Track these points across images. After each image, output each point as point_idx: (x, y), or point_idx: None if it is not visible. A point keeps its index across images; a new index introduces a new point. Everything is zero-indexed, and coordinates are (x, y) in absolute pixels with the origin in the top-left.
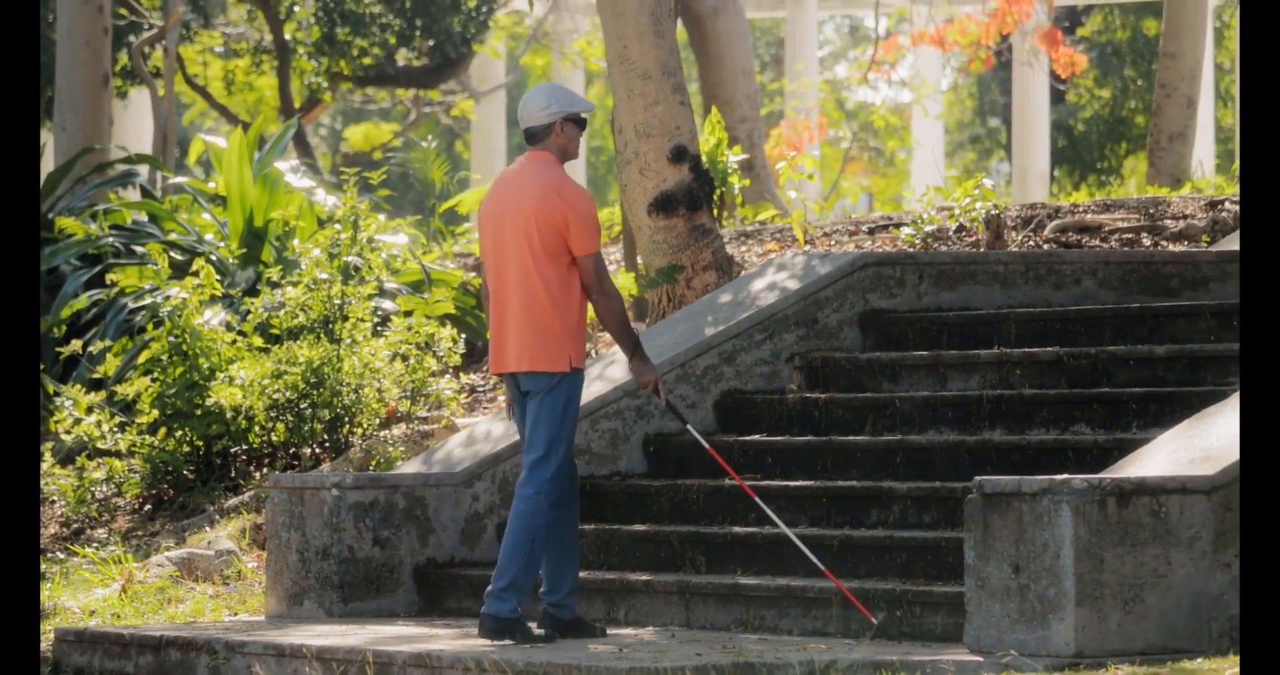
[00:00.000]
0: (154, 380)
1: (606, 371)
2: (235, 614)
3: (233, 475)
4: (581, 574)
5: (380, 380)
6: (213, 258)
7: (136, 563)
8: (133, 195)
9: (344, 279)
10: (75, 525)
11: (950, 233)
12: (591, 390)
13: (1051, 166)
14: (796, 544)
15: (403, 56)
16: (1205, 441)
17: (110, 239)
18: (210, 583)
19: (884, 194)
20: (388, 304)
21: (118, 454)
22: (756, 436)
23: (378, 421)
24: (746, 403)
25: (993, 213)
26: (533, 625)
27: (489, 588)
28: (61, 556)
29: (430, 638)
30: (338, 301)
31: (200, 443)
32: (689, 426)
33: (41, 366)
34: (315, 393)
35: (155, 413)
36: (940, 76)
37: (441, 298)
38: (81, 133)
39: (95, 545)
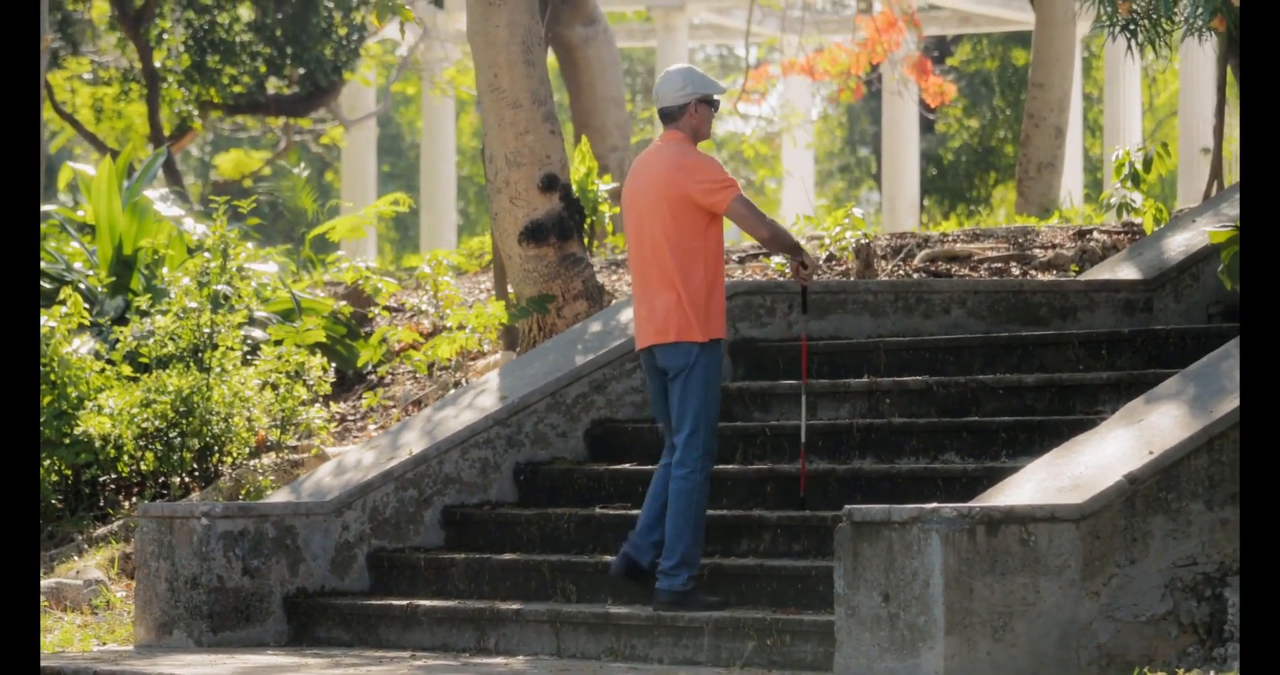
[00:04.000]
0: None
1: (476, 401)
2: (104, 643)
3: (101, 504)
4: (450, 603)
5: (250, 409)
6: (81, 286)
7: None
8: None
9: (213, 308)
10: None
11: (820, 262)
12: (462, 420)
13: (921, 196)
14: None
15: (273, 85)
16: (1074, 470)
17: None
18: (79, 612)
19: None
20: (257, 333)
21: None
22: (627, 465)
23: (247, 450)
24: (617, 431)
25: (862, 242)
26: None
27: (661, 566)
28: None
29: (300, 667)
30: (207, 330)
31: (68, 472)
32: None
33: None
34: (185, 422)
35: None
36: (810, 106)
37: (312, 326)
38: None
39: None
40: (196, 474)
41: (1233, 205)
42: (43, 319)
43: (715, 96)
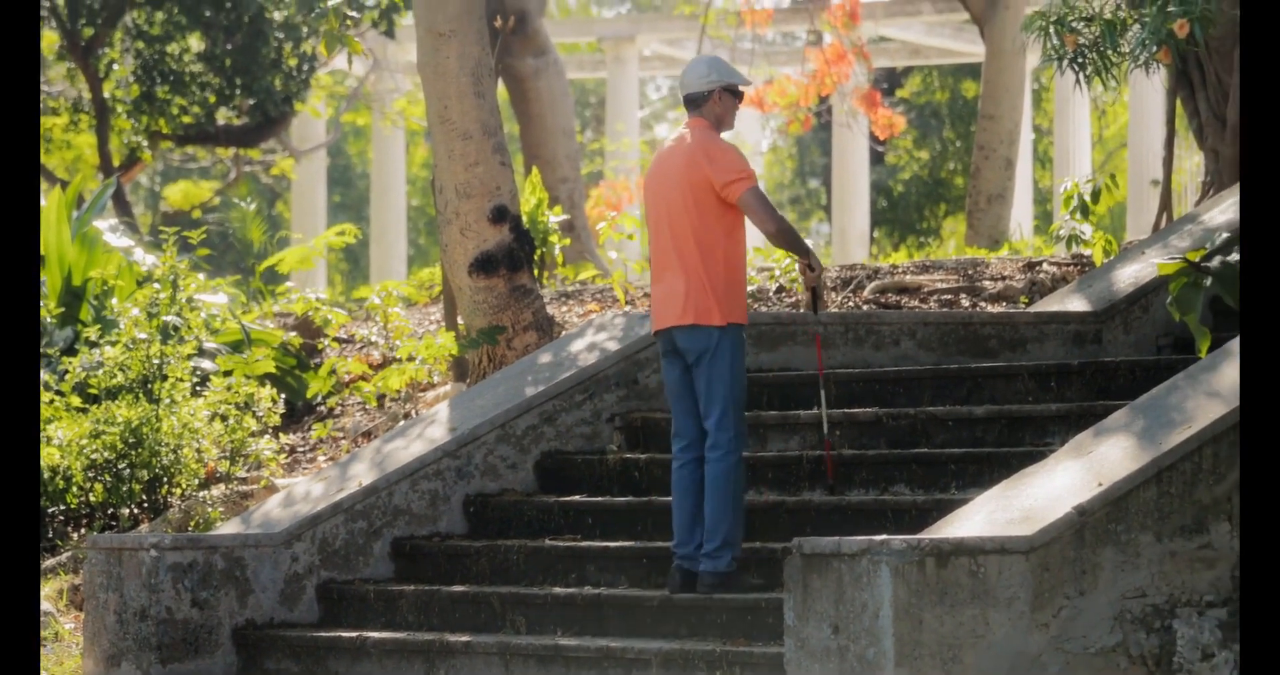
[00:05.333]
0: None
1: (426, 432)
2: None
3: (50, 536)
4: (399, 635)
5: (199, 440)
6: None
7: None
8: None
9: (163, 338)
10: None
11: (770, 293)
12: (411, 451)
13: (871, 227)
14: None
15: (223, 115)
16: (1023, 502)
17: None
18: None
19: None
20: (207, 364)
21: None
22: (577, 497)
23: (197, 482)
24: (567, 463)
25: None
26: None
27: (702, 549)
28: None
29: None
30: (156, 361)
31: None
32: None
33: None
34: (134, 453)
35: None
36: (760, 137)
37: (261, 357)
38: None
39: None
40: (145, 505)
41: (1181, 237)
42: None
43: (740, 87)
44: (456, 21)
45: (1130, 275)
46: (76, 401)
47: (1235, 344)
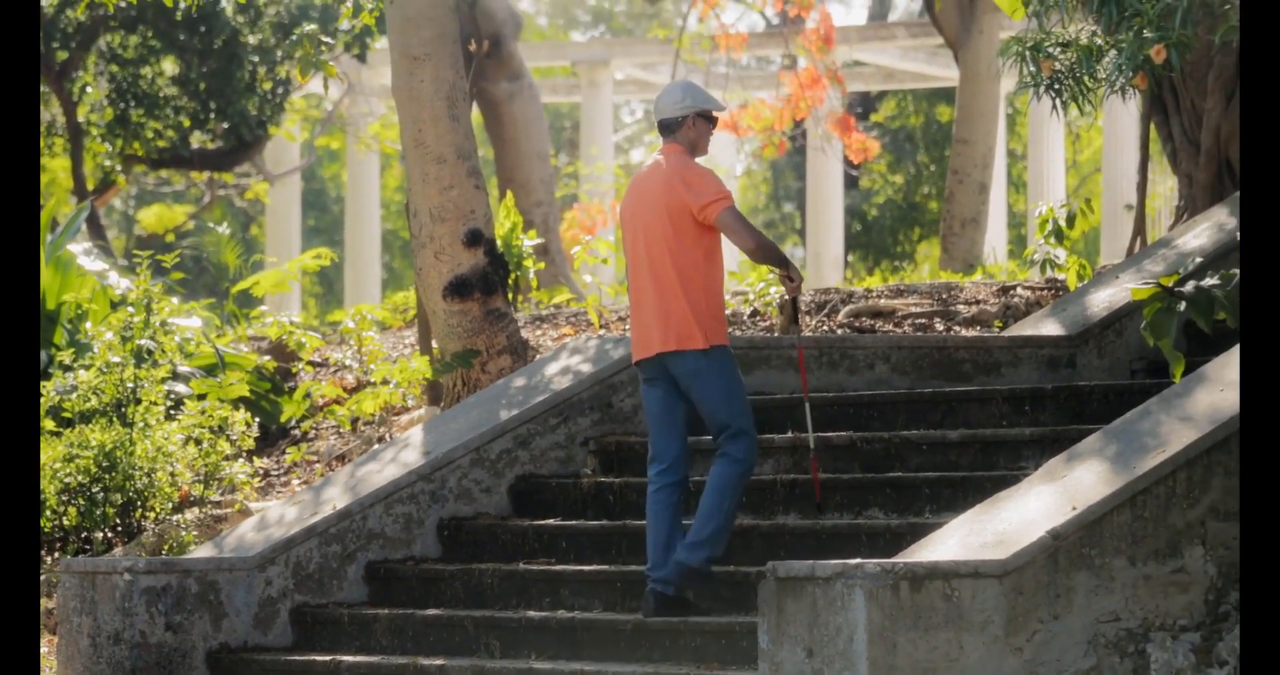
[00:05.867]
0: None
1: (400, 456)
2: None
3: None
4: (373, 659)
5: (173, 464)
6: None
7: None
8: None
9: (137, 362)
10: None
11: (745, 317)
12: (385, 475)
13: (846, 252)
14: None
15: (197, 139)
16: (997, 526)
17: None
18: None
19: None
20: (181, 387)
21: None
22: (551, 520)
23: (170, 506)
24: (541, 487)
25: (787, 297)
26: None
27: (684, 541)
28: None
29: None
30: (130, 385)
31: None
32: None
33: None
34: (107, 477)
35: None
36: (734, 162)
37: (235, 381)
38: None
39: None
40: (119, 529)
41: (1155, 262)
42: None
43: (714, 112)
44: (431, 45)
45: (1104, 299)
46: (50, 425)
47: (1209, 368)
